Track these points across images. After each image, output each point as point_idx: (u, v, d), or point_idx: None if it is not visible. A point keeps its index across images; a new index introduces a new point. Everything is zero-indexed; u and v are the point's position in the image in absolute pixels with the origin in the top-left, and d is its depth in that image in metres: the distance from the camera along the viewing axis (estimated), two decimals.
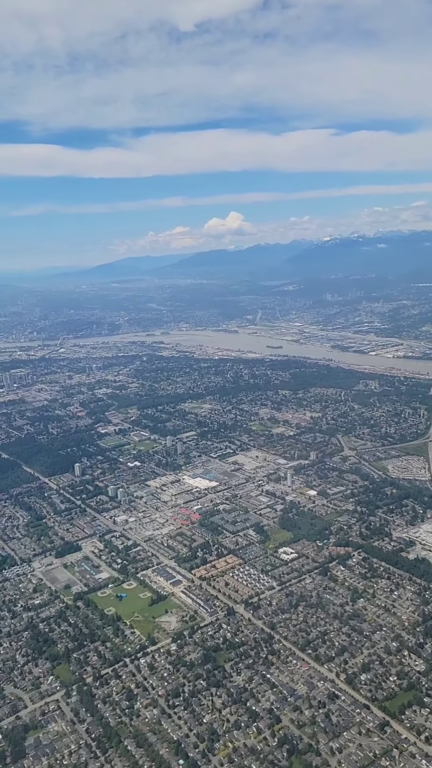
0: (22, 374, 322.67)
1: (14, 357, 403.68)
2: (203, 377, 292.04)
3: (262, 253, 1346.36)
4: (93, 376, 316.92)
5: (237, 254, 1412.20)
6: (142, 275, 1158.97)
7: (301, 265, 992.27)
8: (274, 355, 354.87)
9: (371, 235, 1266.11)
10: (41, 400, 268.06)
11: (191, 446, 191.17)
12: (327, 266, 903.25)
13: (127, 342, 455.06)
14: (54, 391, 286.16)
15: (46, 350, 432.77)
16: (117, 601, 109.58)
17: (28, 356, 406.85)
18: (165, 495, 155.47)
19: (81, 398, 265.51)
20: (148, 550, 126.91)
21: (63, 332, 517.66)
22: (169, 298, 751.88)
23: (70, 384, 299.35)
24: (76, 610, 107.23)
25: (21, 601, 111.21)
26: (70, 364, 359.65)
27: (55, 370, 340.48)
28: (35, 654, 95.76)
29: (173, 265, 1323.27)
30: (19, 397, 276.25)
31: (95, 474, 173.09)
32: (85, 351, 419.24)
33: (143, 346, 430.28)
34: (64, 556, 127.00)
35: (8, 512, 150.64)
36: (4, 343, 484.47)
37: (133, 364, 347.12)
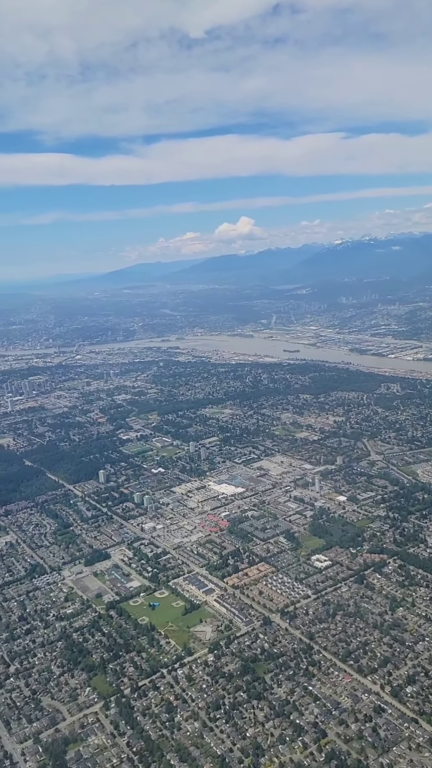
0: (40, 381, 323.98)
1: (31, 364, 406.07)
2: (222, 382, 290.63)
3: (273, 258, 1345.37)
4: (111, 382, 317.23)
5: (248, 259, 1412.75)
6: (154, 281, 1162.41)
7: (313, 269, 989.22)
8: (291, 359, 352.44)
9: (383, 238, 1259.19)
10: (61, 407, 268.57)
11: (214, 452, 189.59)
12: (339, 269, 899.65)
13: (142, 348, 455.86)
14: (73, 397, 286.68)
15: (62, 357, 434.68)
16: (150, 610, 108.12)
17: (45, 363, 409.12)
18: (191, 501, 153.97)
19: (100, 404, 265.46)
20: (177, 557, 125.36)
21: (78, 339, 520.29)
22: (182, 304, 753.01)
23: (88, 390, 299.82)
24: (109, 619, 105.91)
25: (53, 610, 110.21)
26: (88, 370, 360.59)
27: (72, 377, 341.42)
28: (71, 665, 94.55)
29: (184, 271, 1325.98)
30: (38, 404, 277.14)
31: (120, 481, 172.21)
32: (102, 357, 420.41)
33: (159, 352, 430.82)
34: (93, 564, 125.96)
35: (35, 520, 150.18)
36: (20, 351, 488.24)
37: (150, 370, 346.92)
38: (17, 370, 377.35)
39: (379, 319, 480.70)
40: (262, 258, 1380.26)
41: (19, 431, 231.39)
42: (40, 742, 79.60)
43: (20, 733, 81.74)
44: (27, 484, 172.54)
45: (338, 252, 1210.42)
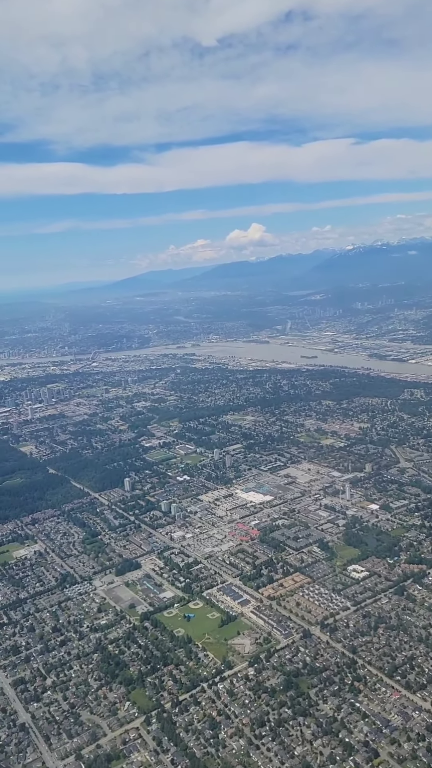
0: (59, 389, 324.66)
1: (48, 372, 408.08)
2: (242, 389, 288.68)
3: (284, 264, 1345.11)
4: (129, 390, 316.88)
5: (259, 265, 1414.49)
6: (165, 288, 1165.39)
7: (326, 275, 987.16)
8: (310, 365, 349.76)
9: (395, 243, 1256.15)
10: (81, 414, 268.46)
11: (239, 459, 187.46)
12: (352, 275, 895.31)
13: (158, 355, 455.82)
14: (92, 405, 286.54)
15: (78, 364, 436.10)
16: (185, 621, 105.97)
17: (62, 371, 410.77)
18: (219, 510, 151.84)
19: (120, 412, 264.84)
20: (210, 567, 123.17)
21: (94, 346, 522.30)
22: (195, 311, 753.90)
23: (107, 398, 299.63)
24: (144, 631, 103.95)
25: (86, 621, 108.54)
26: (105, 377, 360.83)
27: (90, 384, 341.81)
28: (108, 678, 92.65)
29: (195, 278, 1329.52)
30: (58, 412, 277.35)
31: (145, 489, 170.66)
32: (118, 364, 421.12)
33: (175, 359, 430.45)
34: (124, 574, 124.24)
35: (62, 528, 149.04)
36: (36, 358, 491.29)
37: (168, 377, 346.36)
38: (35, 377, 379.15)
39: (397, 324, 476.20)
40: (274, 264, 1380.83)
41: (41, 439, 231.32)
42: (82, 759, 77.67)
43: (61, 749, 79.88)
44: (52, 492, 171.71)
45: (350, 257, 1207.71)
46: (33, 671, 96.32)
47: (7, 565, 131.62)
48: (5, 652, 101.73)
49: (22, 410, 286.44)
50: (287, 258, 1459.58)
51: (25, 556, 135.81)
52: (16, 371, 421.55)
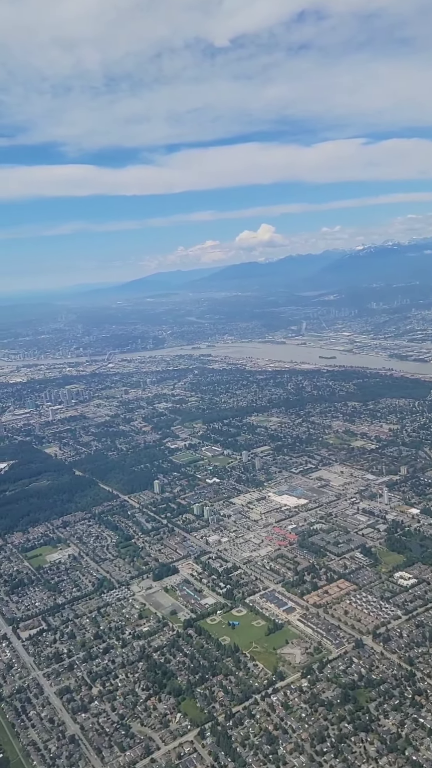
0: (78, 390, 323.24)
1: (65, 373, 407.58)
2: (263, 389, 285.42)
3: (294, 264, 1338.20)
4: (149, 391, 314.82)
5: (268, 266, 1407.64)
6: (174, 290, 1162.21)
7: (337, 275, 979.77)
8: (329, 366, 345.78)
9: (406, 243, 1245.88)
10: (102, 415, 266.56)
11: (268, 461, 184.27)
12: (364, 275, 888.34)
13: (174, 355, 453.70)
14: (113, 406, 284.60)
15: (94, 366, 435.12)
16: (230, 629, 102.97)
17: (78, 372, 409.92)
18: (253, 513, 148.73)
19: (142, 413, 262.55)
20: (250, 573, 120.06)
21: (108, 347, 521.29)
22: (207, 311, 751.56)
23: (127, 399, 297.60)
24: (189, 638, 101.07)
25: (128, 627, 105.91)
26: (123, 378, 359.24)
27: (109, 385, 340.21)
28: (156, 687, 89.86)
29: (204, 279, 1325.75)
30: (79, 413, 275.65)
31: (175, 491, 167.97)
32: (134, 365, 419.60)
33: (191, 360, 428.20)
34: (162, 579, 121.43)
35: (94, 532, 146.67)
36: (52, 360, 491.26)
37: (186, 378, 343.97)
38: (52, 379, 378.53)
39: (415, 324, 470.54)
40: (284, 265, 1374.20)
41: (64, 440, 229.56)
42: None
43: (114, 762, 77.17)
44: (81, 494, 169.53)
45: (361, 258, 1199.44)
46: (78, 680, 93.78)
47: (41, 569, 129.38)
48: (47, 660, 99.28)
49: (43, 411, 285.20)
50: (297, 258, 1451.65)
51: (59, 560, 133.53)
52: (32, 372, 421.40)
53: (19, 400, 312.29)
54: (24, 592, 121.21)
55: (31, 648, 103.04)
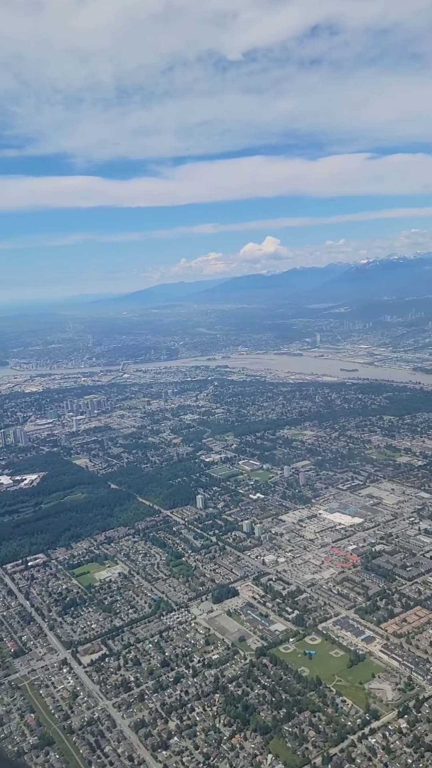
0: (99, 400, 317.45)
1: (80, 383, 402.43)
2: (290, 402, 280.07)
3: (298, 277, 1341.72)
4: (171, 402, 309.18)
5: (272, 279, 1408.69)
6: (178, 301, 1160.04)
7: (344, 288, 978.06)
8: (353, 379, 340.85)
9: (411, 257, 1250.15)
10: (128, 426, 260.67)
11: (312, 477, 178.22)
12: (372, 288, 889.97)
13: (189, 366, 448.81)
14: (137, 417, 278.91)
15: (109, 376, 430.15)
16: (306, 659, 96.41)
17: (94, 382, 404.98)
18: (307, 532, 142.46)
19: (169, 425, 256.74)
20: (317, 597, 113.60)
21: (121, 357, 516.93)
22: (217, 323, 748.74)
23: (150, 410, 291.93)
24: (264, 668, 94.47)
25: (195, 654, 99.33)
26: (142, 389, 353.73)
27: (129, 396, 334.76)
28: (239, 723, 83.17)
29: (208, 291, 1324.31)
30: (103, 424, 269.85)
31: (218, 507, 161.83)
32: (150, 376, 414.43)
33: (208, 371, 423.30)
34: (222, 602, 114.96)
35: (141, 548, 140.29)
36: (65, 369, 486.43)
37: (207, 389, 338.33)
38: (69, 389, 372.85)
39: None
40: (288, 277, 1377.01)
41: (92, 452, 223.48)
42: None
43: None
44: (120, 508, 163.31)
45: (367, 271, 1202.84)
46: (151, 712, 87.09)
47: (93, 588, 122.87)
48: (115, 689, 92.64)
49: (66, 422, 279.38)
50: (301, 271, 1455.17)
51: (109, 578, 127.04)
52: (47, 382, 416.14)
53: (40, 410, 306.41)
54: (78, 613, 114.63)
55: (94, 675, 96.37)
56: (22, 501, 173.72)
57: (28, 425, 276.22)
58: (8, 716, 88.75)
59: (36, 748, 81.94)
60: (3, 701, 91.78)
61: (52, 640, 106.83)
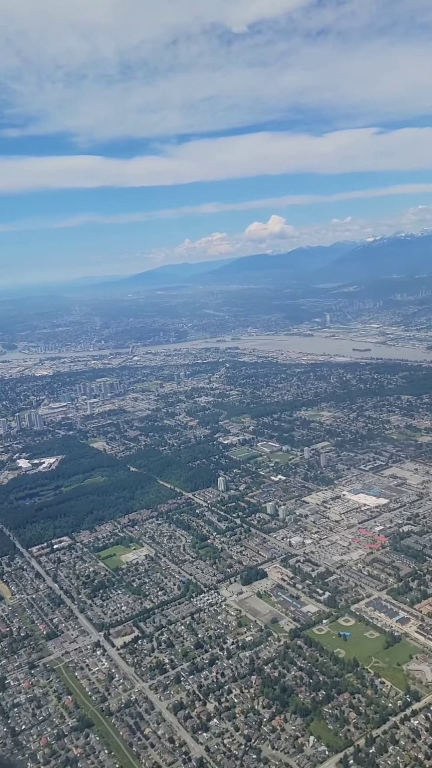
0: (112, 383, 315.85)
1: (91, 366, 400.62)
2: (305, 383, 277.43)
3: (304, 256, 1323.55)
4: (184, 384, 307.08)
5: (278, 258, 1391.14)
6: (183, 282, 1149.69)
7: (351, 267, 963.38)
8: (366, 359, 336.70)
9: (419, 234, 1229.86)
10: (142, 409, 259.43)
11: (333, 458, 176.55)
12: (379, 266, 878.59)
13: (199, 348, 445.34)
14: (151, 400, 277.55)
15: (119, 359, 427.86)
16: (341, 640, 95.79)
17: (104, 365, 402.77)
18: (332, 513, 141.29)
19: (184, 407, 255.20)
20: (347, 578, 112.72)
21: (130, 340, 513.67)
22: (224, 304, 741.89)
23: (163, 393, 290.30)
24: (299, 650, 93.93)
25: (229, 636, 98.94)
26: (154, 372, 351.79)
27: (141, 379, 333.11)
28: (278, 705, 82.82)
29: (214, 272, 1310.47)
30: (117, 407, 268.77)
31: (240, 489, 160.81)
32: (161, 358, 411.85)
33: (219, 353, 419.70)
34: (251, 584, 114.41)
35: (165, 531, 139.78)
36: (74, 353, 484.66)
37: (219, 371, 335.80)
38: (80, 372, 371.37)
39: None
40: (294, 257, 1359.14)
41: (109, 435, 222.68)
42: None
43: None
44: (142, 491, 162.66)
45: (374, 249, 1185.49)
46: (189, 694, 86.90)
47: (120, 571, 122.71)
48: (150, 671, 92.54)
49: (79, 405, 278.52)
50: (307, 251, 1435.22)
51: (136, 560, 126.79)
52: (57, 365, 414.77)
53: (52, 394, 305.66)
54: (107, 595, 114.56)
55: (129, 657, 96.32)
56: (42, 484, 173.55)
57: (42, 409, 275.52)
58: (45, 698, 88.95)
59: (75, 730, 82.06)
60: (39, 683, 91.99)
61: (84, 623, 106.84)
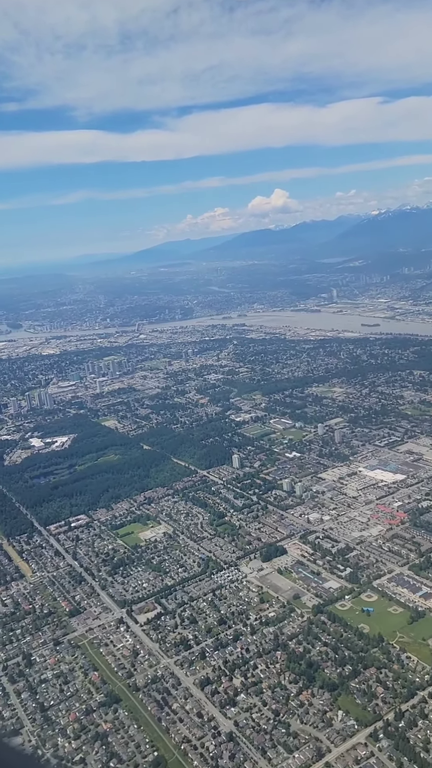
0: (120, 361, 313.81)
1: (97, 344, 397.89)
2: (315, 359, 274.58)
3: (308, 231, 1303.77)
4: (192, 362, 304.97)
5: (281, 233, 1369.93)
6: (185, 259, 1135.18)
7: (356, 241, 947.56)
8: (375, 334, 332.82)
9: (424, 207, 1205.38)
10: (152, 387, 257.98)
11: (347, 434, 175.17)
12: (385, 240, 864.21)
13: (206, 326, 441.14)
14: (160, 378, 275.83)
15: (126, 337, 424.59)
16: (365, 616, 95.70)
17: (111, 343, 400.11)
18: (349, 489, 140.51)
19: (194, 385, 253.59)
20: (368, 554, 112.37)
21: (135, 318, 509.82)
22: (228, 280, 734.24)
23: (172, 371, 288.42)
24: (323, 626, 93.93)
25: (251, 613, 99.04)
26: (161, 350, 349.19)
27: (149, 357, 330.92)
28: (305, 680, 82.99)
29: (216, 248, 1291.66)
30: (126, 385, 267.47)
31: (255, 466, 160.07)
32: (167, 336, 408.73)
33: (226, 330, 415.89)
34: (271, 560, 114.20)
35: (182, 508, 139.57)
36: (79, 331, 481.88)
37: (226, 348, 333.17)
38: (86, 350, 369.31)
39: None
40: (297, 232, 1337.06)
41: (120, 413, 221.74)
42: None
43: (284, 765, 70.68)
44: (156, 469, 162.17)
45: (379, 222, 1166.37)
46: (215, 670, 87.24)
47: (139, 548, 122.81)
48: (174, 647, 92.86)
49: (88, 384, 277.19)
50: (311, 225, 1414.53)
51: (154, 538, 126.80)
52: (63, 344, 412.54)
53: (60, 372, 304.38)
54: (127, 572, 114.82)
55: (152, 633, 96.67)
56: (55, 463, 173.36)
57: (51, 388, 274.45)
58: (72, 674, 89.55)
59: (104, 705, 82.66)
60: (65, 659, 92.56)
61: (106, 600, 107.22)
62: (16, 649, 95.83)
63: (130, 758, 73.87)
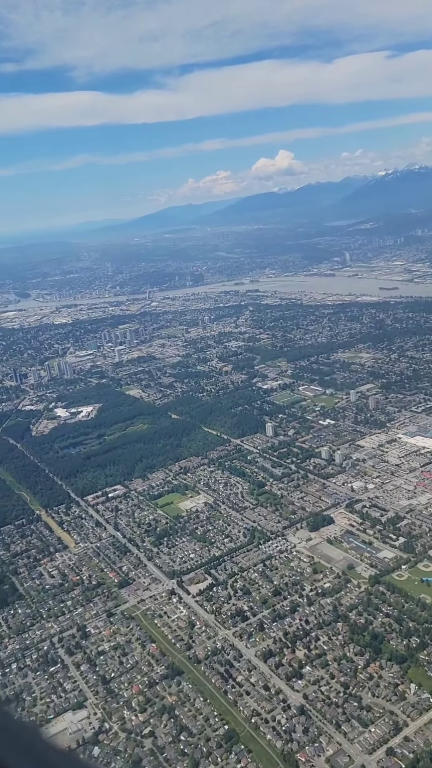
0: (137, 329, 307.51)
1: (109, 312, 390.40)
2: (337, 324, 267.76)
3: (314, 193, 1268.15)
4: (210, 329, 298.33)
5: (286, 196, 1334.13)
6: (189, 224, 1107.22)
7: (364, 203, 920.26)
8: (395, 297, 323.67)
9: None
10: (172, 355, 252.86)
11: (381, 401, 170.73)
12: (394, 201, 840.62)
13: (218, 292, 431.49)
14: (178, 346, 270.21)
15: (138, 305, 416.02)
16: (425, 586, 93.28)
17: (123, 311, 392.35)
18: (390, 457, 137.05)
19: (214, 353, 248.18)
20: (419, 523, 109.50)
21: (145, 285, 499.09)
22: (235, 245, 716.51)
23: (190, 338, 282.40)
24: (383, 597, 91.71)
25: (306, 583, 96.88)
26: (176, 317, 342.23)
27: (164, 324, 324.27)
28: (371, 653, 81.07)
29: (220, 212, 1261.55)
30: (146, 354, 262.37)
31: (289, 434, 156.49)
32: (180, 303, 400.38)
33: (239, 296, 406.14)
34: (319, 530, 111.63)
35: (220, 478, 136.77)
36: (89, 299, 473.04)
37: (243, 315, 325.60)
38: (99, 319, 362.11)
39: None
40: (303, 194, 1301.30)
41: (143, 382, 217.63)
42: (394, 754, 66.77)
43: (361, 740, 69.07)
44: (188, 438, 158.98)
45: (387, 183, 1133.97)
46: (276, 642, 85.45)
47: (181, 518, 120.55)
48: (231, 618, 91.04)
49: (106, 353, 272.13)
50: (317, 187, 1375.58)
51: (195, 508, 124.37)
52: (74, 313, 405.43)
53: (77, 342, 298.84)
54: (172, 543, 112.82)
55: (206, 605, 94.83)
56: (84, 433, 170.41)
57: (69, 357, 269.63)
58: (129, 646, 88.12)
59: (166, 677, 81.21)
60: (120, 631, 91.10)
61: (154, 570, 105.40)
62: (69, 620, 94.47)
63: (200, 731, 72.54)
